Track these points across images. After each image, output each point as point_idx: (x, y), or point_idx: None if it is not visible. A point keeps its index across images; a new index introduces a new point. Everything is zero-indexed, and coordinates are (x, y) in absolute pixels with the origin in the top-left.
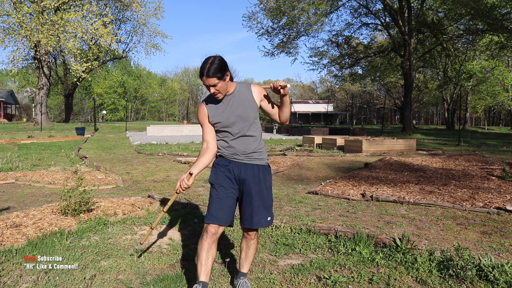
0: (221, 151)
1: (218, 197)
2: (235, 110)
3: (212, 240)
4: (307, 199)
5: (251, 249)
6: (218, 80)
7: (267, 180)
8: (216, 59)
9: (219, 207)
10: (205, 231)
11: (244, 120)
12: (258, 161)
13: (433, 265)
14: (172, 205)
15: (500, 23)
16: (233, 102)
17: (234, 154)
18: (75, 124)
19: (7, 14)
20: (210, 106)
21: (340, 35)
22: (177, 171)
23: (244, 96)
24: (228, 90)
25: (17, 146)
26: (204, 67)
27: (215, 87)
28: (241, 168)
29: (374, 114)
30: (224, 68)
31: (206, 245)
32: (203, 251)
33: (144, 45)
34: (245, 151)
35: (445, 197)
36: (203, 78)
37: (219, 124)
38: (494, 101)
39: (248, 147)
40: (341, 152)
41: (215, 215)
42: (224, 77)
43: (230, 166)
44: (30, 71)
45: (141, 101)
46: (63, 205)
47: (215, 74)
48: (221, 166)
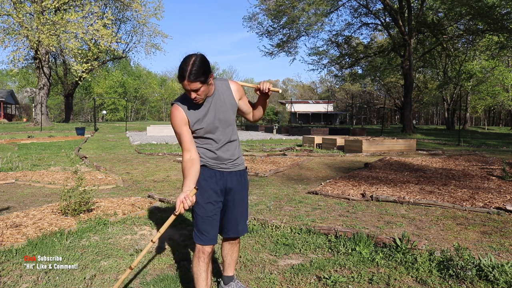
0: (204, 161)
1: (208, 215)
2: (217, 113)
3: (209, 259)
4: (307, 199)
5: (236, 251)
6: (201, 84)
7: (247, 184)
8: (197, 59)
9: (211, 226)
10: (201, 252)
11: (228, 124)
12: (241, 166)
13: (433, 265)
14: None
15: (500, 23)
16: (215, 104)
17: (220, 163)
18: (75, 124)
19: (7, 14)
20: (190, 113)
21: (340, 35)
22: (177, 171)
23: (225, 95)
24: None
25: (17, 146)
26: (185, 69)
27: (197, 91)
28: (227, 177)
29: (374, 114)
30: (207, 69)
31: (205, 266)
32: (203, 272)
33: (144, 45)
34: (231, 158)
35: (445, 197)
36: (184, 82)
37: (201, 131)
38: (494, 101)
39: (233, 153)
40: (341, 152)
41: (209, 235)
42: (207, 80)
43: (216, 177)
44: (30, 71)
45: (141, 101)
46: (63, 205)
47: (198, 78)
48: (206, 178)
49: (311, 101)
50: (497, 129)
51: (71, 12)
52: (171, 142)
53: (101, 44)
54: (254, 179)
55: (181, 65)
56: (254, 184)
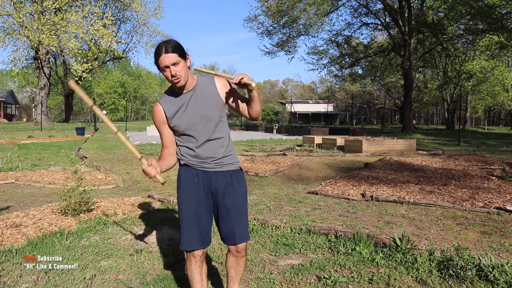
0: (185, 159)
1: (193, 217)
2: (198, 108)
3: (201, 261)
4: (307, 199)
5: (241, 266)
6: (179, 58)
7: (242, 186)
8: (171, 39)
9: (197, 229)
10: (191, 255)
11: (209, 120)
12: (229, 166)
13: (433, 265)
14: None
15: (500, 23)
16: (195, 98)
17: (201, 162)
18: (75, 124)
19: (8, 14)
20: (168, 106)
21: (340, 34)
22: (177, 171)
23: (208, 91)
24: (189, 83)
25: (17, 146)
26: (161, 46)
27: (176, 66)
28: (212, 177)
29: (374, 114)
30: (183, 48)
31: (197, 268)
32: (196, 275)
33: (144, 45)
34: (214, 156)
35: (445, 197)
36: (160, 58)
37: (180, 127)
38: (494, 101)
39: (216, 151)
40: (341, 152)
41: (196, 239)
42: (185, 56)
43: (198, 177)
44: (30, 71)
45: (141, 101)
46: (63, 205)
47: (175, 50)
48: (188, 178)
49: (311, 101)
50: (497, 129)
51: (72, 12)
52: None
53: (101, 44)
54: (254, 179)
55: (156, 47)
56: (254, 184)
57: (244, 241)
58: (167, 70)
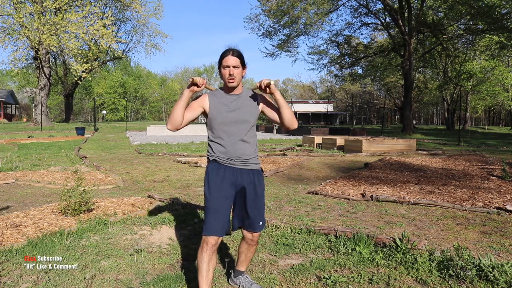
0: (215, 155)
1: (215, 208)
2: (238, 111)
3: (212, 251)
4: (307, 199)
5: (252, 252)
6: (240, 65)
7: (261, 185)
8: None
9: (217, 218)
10: (204, 242)
11: (245, 123)
12: (253, 166)
13: (433, 265)
14: (173, 203)
15: (500, 23)
16: (239, 103)
17: (229, 159)
18: (75, 124)
19: (8, 14)
20: (214, 98)
21: (340, 34)
22: (177, 171)
23: (249, 100)
24: (237, 89)
25: (17, 146)
26: (229, 49)
27: (235, 69)
28: (237, 174)
29: (374, 114)
30: (244, 58)
31: (207, 257)
32: (204, 263)
33: (144, 45)
34: (241, 156)
35: (445, 197)
36: (226, 57)
37: (216, 119)
38: (494, 101)
39: (244, 152)
40: (341, 152)
41: (214, 227)
42: (244, 66)
43: (225, 173)
44: (30, 71)
45: (141, 101)
46: (63, 205)
47: (239, 56)
48: (216, 172)
49: (311, 101)
50: (497, 129)
51: (72, 12)
52: (171, 142)
53: (101, 44)
54: None
55: (225, 49)
56: None
57: (262, 230)
58: (227, 69)
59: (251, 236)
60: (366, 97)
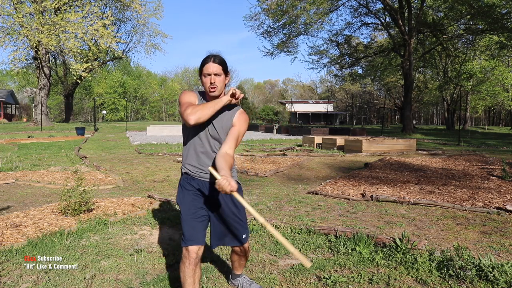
0: (186, 167)
1: (191, 217)
2: (219, 119)
3: (195, 263)
4: (307, 199)
5: (243, 260)
6: (222, 72)
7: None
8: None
9: (195, 227)
10: (185, 256)
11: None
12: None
13: (433, 265)
14: (173, 205)
15: (500, 23)
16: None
17: (200, 171)
18: (75, 124)
19: (8, 14)
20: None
21: (340, 34)
22: (177, 171)
23: (229, 114)
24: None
25: (17, 146)
26: (210, 55)
27: (217, 77)
28: (209, 186)
29: (374, 114)
30: (227, 65)
31: (191, 271)
32: (189, 278)
33: (144, 45)
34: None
35: (445, 197)
36: (207, 64)
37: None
38: (494, 101)
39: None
40: (341, 152)
41: (192, 236)
42: (227, 73)
43: (197, 186)
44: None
45: (141, 101)
46: (63, 205)
47: (221, 63)
48: (187, 185)
49: (311, 101)
50: (497, 129)
51: (71, 12)
52: (171, 142)
53: (101, 44)
54: (254, 179)
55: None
56: (254, 184)
57: (247, 241)
58: (208, 77)
59: (239, 249)
60: (366, 97)
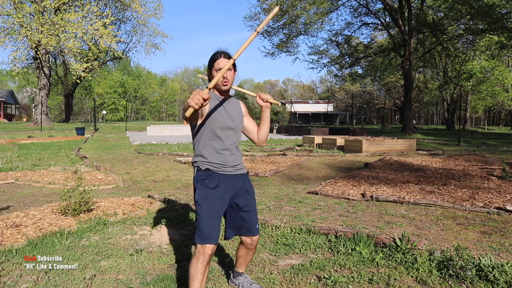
0: (206, 163)
1: (212, 215)
2: (231, 116)
3: (208, 261)
4: (307, 199)
5: (250, 255)
6: (232, 67)
7: (251, 187)
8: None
9: (212, 225)
10: (200, 253)
11: (237, 129)
12: (242, 171)
13: (433, 265)
14: (173, 203)
15: (500, 23)
16: (229, 107)
17: (222, 166)
18: (75, 124)
19: (8, 14)
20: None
21: (340, 34)
22: (177, 171)
23: (236, 107)
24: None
25: (17, 146)
26: (220, 51)
27: (228, 72)
28: (229, 180)
29: (374, 114)
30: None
31: (203, 268)
32: (199, 274)
33: (144, 45)
34: (234, 163)
35: (445, 197)
36: (218, 60)
37: (216, 120)
38: (494, 101)
39: (236, 159)
40: (341, 152)
41: (210, 235)
42: (235, 69)
43: (218, 181)
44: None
45: (141, 101)
46: (63, 205)
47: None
48: (207, 181)
49: (311, 101)
50: (497, 129)
51: (71, 12)
52: (171, 142)
53: (101, 44)
54: (254, 179)
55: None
56: (254, 184)
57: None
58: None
59: (250, 241)
60: (366, 97)
